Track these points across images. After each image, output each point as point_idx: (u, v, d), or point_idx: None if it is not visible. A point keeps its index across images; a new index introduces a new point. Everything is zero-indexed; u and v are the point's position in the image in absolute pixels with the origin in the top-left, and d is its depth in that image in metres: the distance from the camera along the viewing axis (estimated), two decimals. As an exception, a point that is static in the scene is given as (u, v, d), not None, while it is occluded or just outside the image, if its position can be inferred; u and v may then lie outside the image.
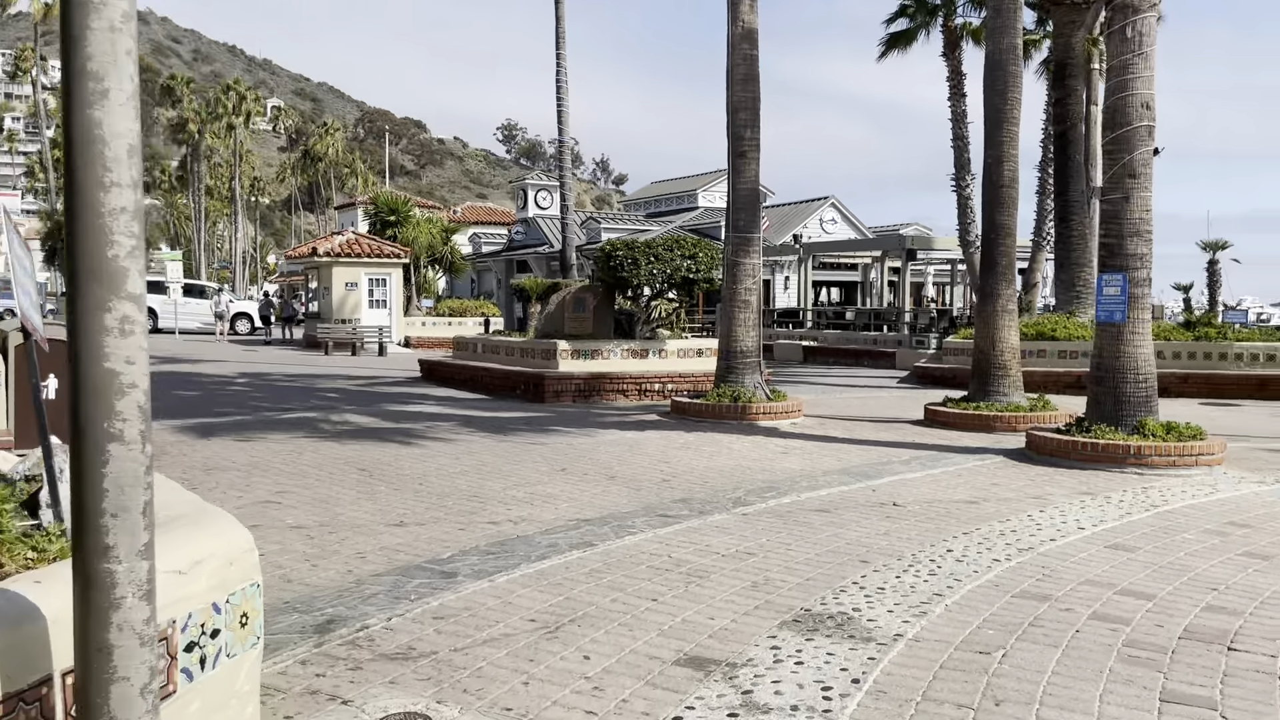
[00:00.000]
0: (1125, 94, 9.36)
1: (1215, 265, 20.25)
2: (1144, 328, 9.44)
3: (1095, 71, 21.22)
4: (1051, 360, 17.73)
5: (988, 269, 12.28)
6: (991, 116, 12.22)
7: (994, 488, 8.36)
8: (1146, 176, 9.40)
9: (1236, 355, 16.87)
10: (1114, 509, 7.50)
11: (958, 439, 11.27)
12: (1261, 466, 9.48)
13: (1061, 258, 20.03)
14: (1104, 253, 9.56)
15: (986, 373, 12.13)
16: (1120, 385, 9.39)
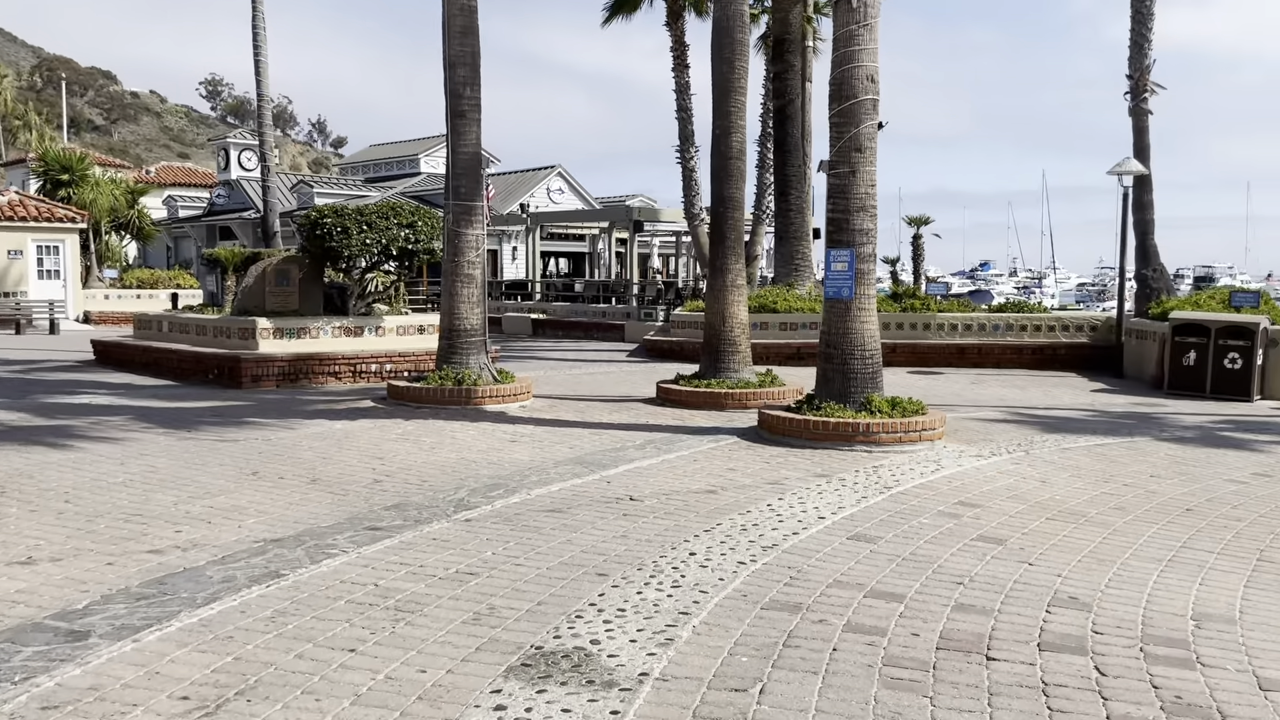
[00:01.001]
0: (850, 65, 9.22)
1: (919, 240, 21.58)
2: (870, 304, 9.41)
3: (810, 49, 21.81)
4: (774, 332, 18.05)
5: (717, 243, 12.02)
6: (719, 85, 11.91)
7: (731, 474, 7.97)
8: (872, 151, 9.33)
9: (939, 325, 17.86)
10: (850, 493, 7.28)
11: (691, 418, 10.92)
12: (975, 438, 9.74)
13: (781, 231, 20.49)
14: (831, 228, 9.43)
15: (718, 349, 11.89)
16: (849, 361, 9.32)
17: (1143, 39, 16.72)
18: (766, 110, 22.84)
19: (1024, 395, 13.85)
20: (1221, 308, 14.97)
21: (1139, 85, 16.74)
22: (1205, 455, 9.15)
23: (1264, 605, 4.98)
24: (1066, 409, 12.46)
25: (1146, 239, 16.78)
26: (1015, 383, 15.40)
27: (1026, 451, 9.05)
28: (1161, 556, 5.83)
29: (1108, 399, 13.59)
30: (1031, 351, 17.40)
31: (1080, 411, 12.24)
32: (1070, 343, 17.38)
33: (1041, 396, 13.73)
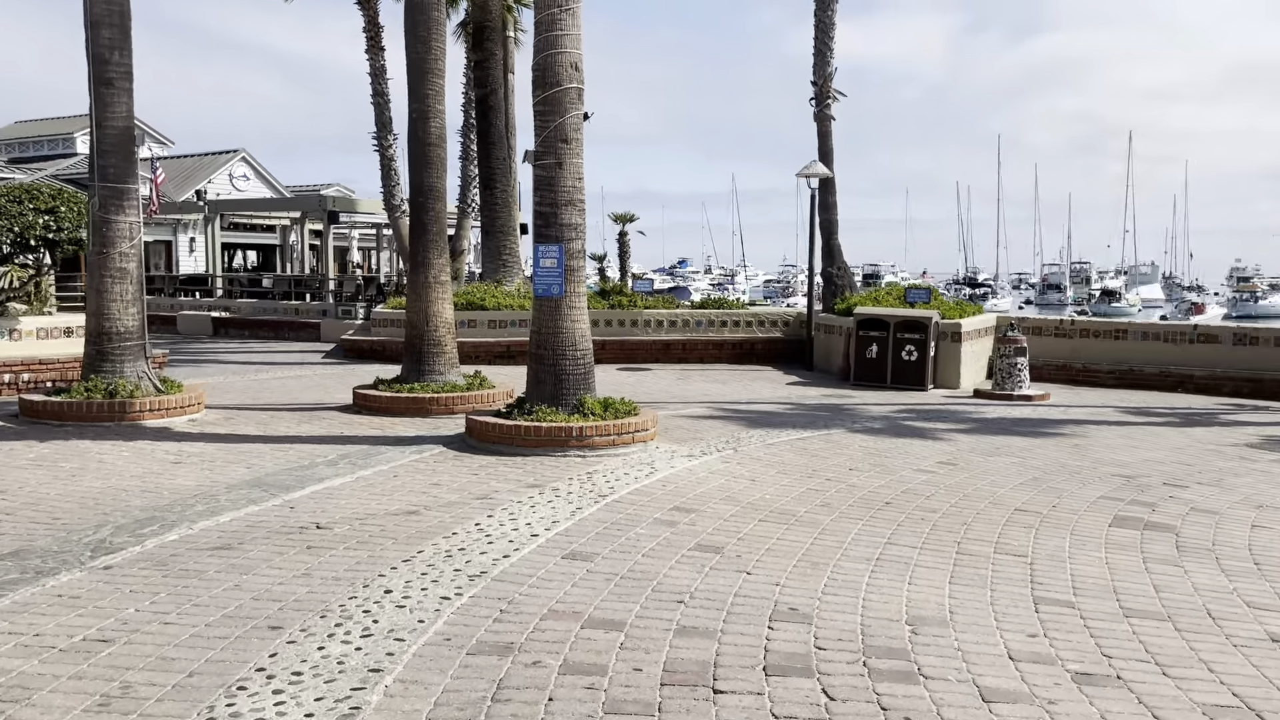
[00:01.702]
0: (553, 51, 8.76)
1: (625, 237, 21.69)
2: (581, 301, 9.02)
3: (512, 40, 21.31)
4: (482, 330, 17.41)
5: (418, 235, 11.21)
6: (415, 66, 11.09)
7: (435, 489, 7.27)
8: (578, 142, 8.94)
9: (646, 322, 17.96)
10: (564, 504, 6.82)
11: (392, 426, 10.06)
12: (687, 437, 9.63)
13: (488, 225, 19.87)
14: (539, 223, 8.94)
15: (421, 350, 11.09)
16: (561, 362, 8.88)
17: (825, 48, 17.65)
18: (469, 100, 22.14)
19: (727, 390, 14.11)
20: (899, 303, 16.04)
21: (822, 92, 17.65)
22: (895, 446, 9.54)
23: (971, 604, 5.00)
24: (766, 403, 12.77)
25: (832, 239, 17.74)
26: (718, 378, 15.72)
27: (735, 449, 9.02)
28: (870, 555, 5.80)
29: (802, 391, 14.12)
30: (732, 346, 17.90)
31: (779, 405, 12.57)
32: (766, 338, 18.05)
33: (742, 391, 14.04)
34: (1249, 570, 5.76)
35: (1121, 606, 5.03)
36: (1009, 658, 4.30)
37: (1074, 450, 9.55)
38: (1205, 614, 4.95)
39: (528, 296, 18.30)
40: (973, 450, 9.40)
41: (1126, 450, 9.63)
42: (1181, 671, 4.19)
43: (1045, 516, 6.89)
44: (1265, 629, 4.75)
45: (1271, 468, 8.88)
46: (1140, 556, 5.98)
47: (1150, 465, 8.85)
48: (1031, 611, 4.90)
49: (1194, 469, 8.74)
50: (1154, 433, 10.86)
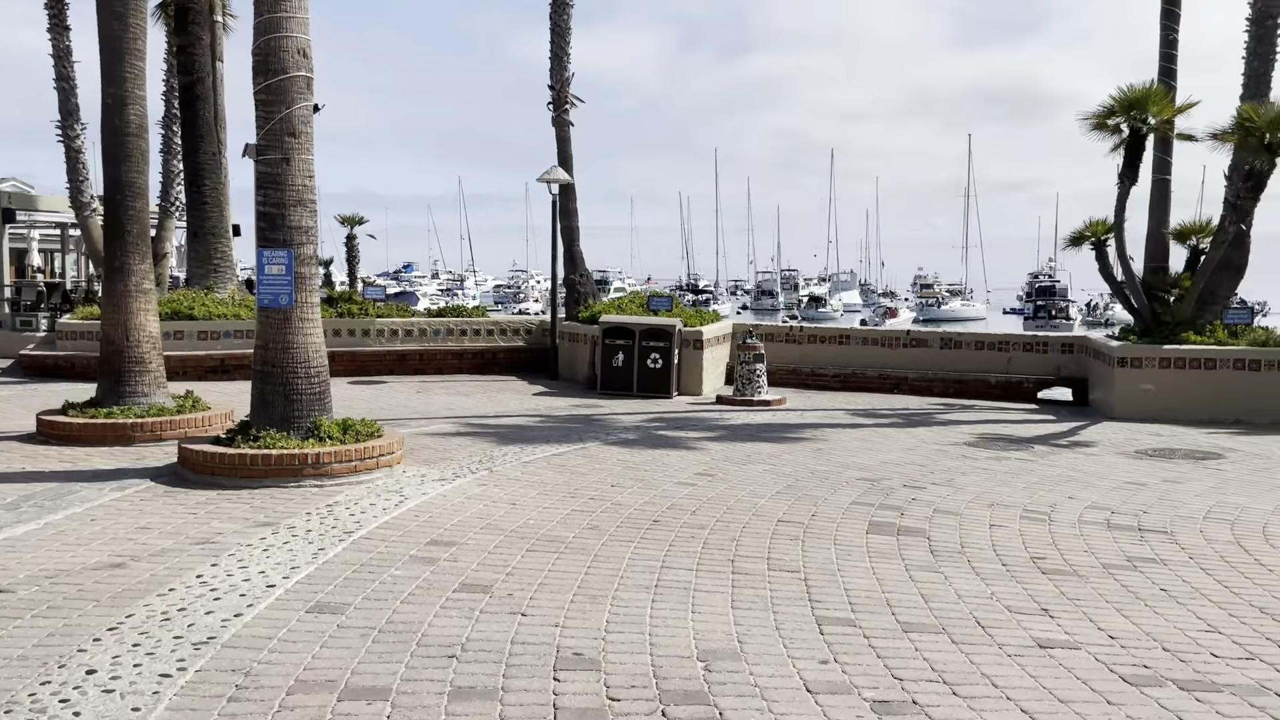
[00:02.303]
0: (278, 35, 7.88)
1: (353, 241, 20.41)
2: (314, 312, 8.16)
3: (221, 25, 19.55)
4: (191, 343, 15.75)
5: (115, 238, 9.79)
6: (110, 46, 9.69)
7: (145, 534, 6.23)
8: (308, 136, 8.09)
9: (379, 332, 16.97)
10: (304, 545, 6.03)
11: (87, 459, 8.68)
12: (435, 458, 8.98)
13: (195, 226, 18.06)
14: (263, 224, 8.00)
15: (120, 369, 9.67)
16: (292, 381, 7.98)
17: (562, 52, 17.43)
18: (172, 88, 20.06)
19: (471, 403, 13.51)
20: (642, 311, 16.07)
21: (560, 97, 17.43)
22: (652, 458, 9.38)
23: (758, 631, 4.80)
24: (515, 415, 12.31)
25: (573, 245, 17.55)
26: (460, 389, 15.07)
27: (490, 469, 8.50)
28: (649, 583, 5.49)
29: (550, 402, 13.78)
30: (473, 356, 17.27)
31: (529, 418, 12.15)
32: (509, 346, 17.57)
33: (488, 403, 13.50)
34: (1000, 573, 5.96)
35: (899, 621, 5.00)
36: (807, 690, 4.10)
37: (818, 455, 9.80)
38: (975, 623, 5.02)
39: (243, 305, 16.80)
40: (726, 459, 9.40)
41: (864, 453, 9.99)
42: (970, 690, 4.16)
43: (808, 526, 6.89)
44: (1030, 634, 4.86)
45: (991, 465, 9.49)
46: (902, 564, 6.06)
47: (888, 467, 9.20)
48: (817, 634, 4.76)
49: (926, 469, 9.17)
50: (884, 434, 11.40)
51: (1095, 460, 9.89)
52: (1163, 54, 14.87)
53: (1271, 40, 13.47)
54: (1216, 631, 4.99)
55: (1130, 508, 7.76)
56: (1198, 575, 6.00)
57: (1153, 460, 9.95)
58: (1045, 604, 5.36)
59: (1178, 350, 13.13)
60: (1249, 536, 6.97)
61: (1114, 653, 4.64)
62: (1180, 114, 13.58)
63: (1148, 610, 5.31)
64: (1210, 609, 5.36)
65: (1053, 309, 71.59)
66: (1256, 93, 13.44)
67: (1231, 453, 10.40)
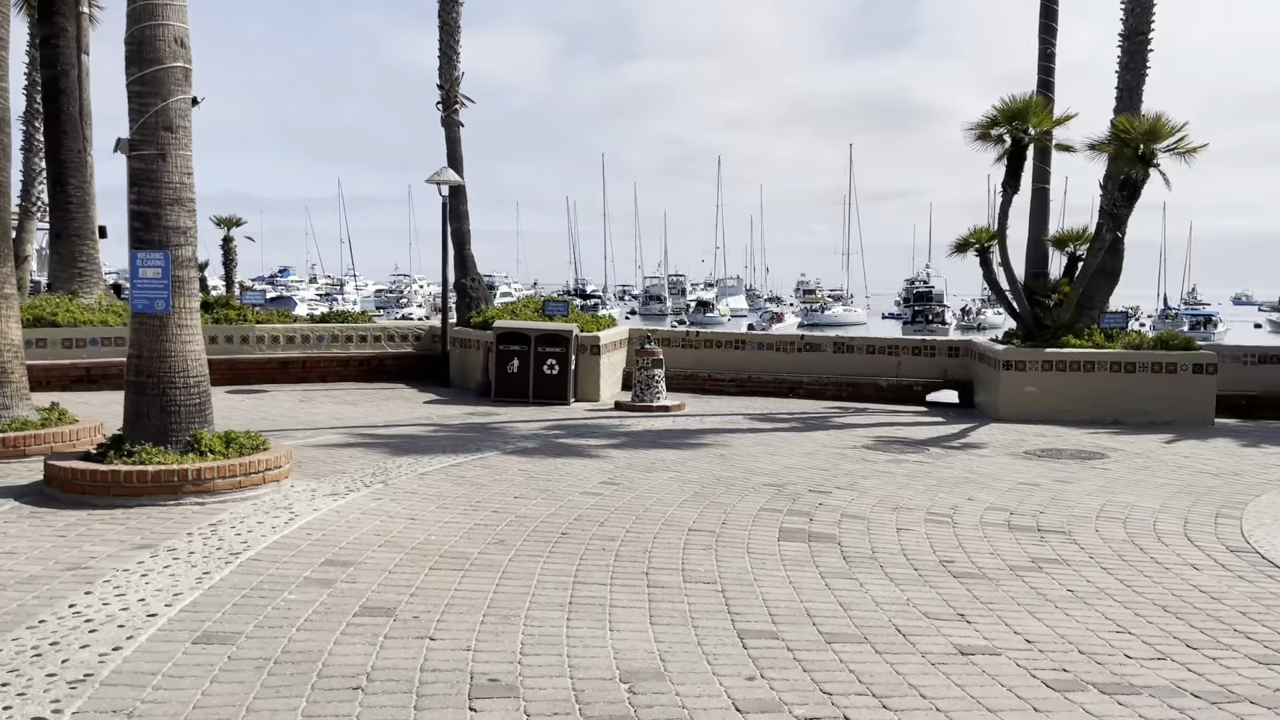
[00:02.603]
0: (153, 22, 7.37)
1: (230, 243, 19.39)
2: (194, 318, 7.65)
3: (87, 16, 18.46)
4: (56, 351, 14.77)
5: None
6: (-36, 29, 8.96)
7: (9, 560, 5.69)
8: (186, 131, 7.59)
9: (259, 338, 16.23)
10: (187, 569, 5.60)
11: (-64, 477, 7.96)
12: (325, 471, 8.55)
13: (59, 227, 16.98)
14: (138, 225, 7.47)
15: None
16: (169, 391, 7.46)
17: (451, 51, 17.00)
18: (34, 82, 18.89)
19: (360, 412, 13.01)
20: (537, 316, 15.79)
21: (450, 97, 17.00)
22: (554, 467, 9.14)
23: (680, 648, 4.63)
24: (407, 425, 11.90)
25: (464, 249, 17.14)
26: (347, 398, 14.52)
27: (385, 482, 8.12)
28: (562, 600, 5.27)
29: (443, 411, 13.39)
30: (359, 363, 16.69)
31: (422, 427, 11.76)
32: (397, 353, 17.05)
33: (377, 412, 13.03)
34: (913, 578, 5.95)
35: (820, 632, 4.91)
36: (736, 709, 3.95)
37: (722, 460, 9.72)
38: (896, 631, 4.96)
39: (111, 310, 15.86)
40: (630, 466, 9.23)
41: (768, 458, 9.97)
42: (899, 702, 4.08)
43: (719, 535, 6.78)
44: (951, 641, 4.83)
45: (890, 468, 9.57)
46: (817, 572, 5.99)
47: (792, 472, 9.18)
48: (740, 649, 4.63)
49: (829, 473, 9.19)
50: (785, 439, 11.42)
51: (988, 461, 10.09)
52: (1041, 66, 15.40)
53: (1142, 55, 14.08)
54: (1127, 632, 5.05)
55: (1028, 508, 7.91)
56: (1100, 575, 6.11)
57: (1042, 460, 10.21)
58: (961, 609, 5.35)
59: (1059, 353, 13.57)
60: (1142, 534, 7.16)
61: (1033, 657, 4.64)
62: (1059, 125, 14.07)
63: (1058, 612, 5.35)
64: (1117, 609, 5.44)
65: (930, 313, 74.14)
66: (1129, 105, 14.03)
67: (1114, 452, 10.76)
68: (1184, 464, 10.09)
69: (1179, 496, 8.46)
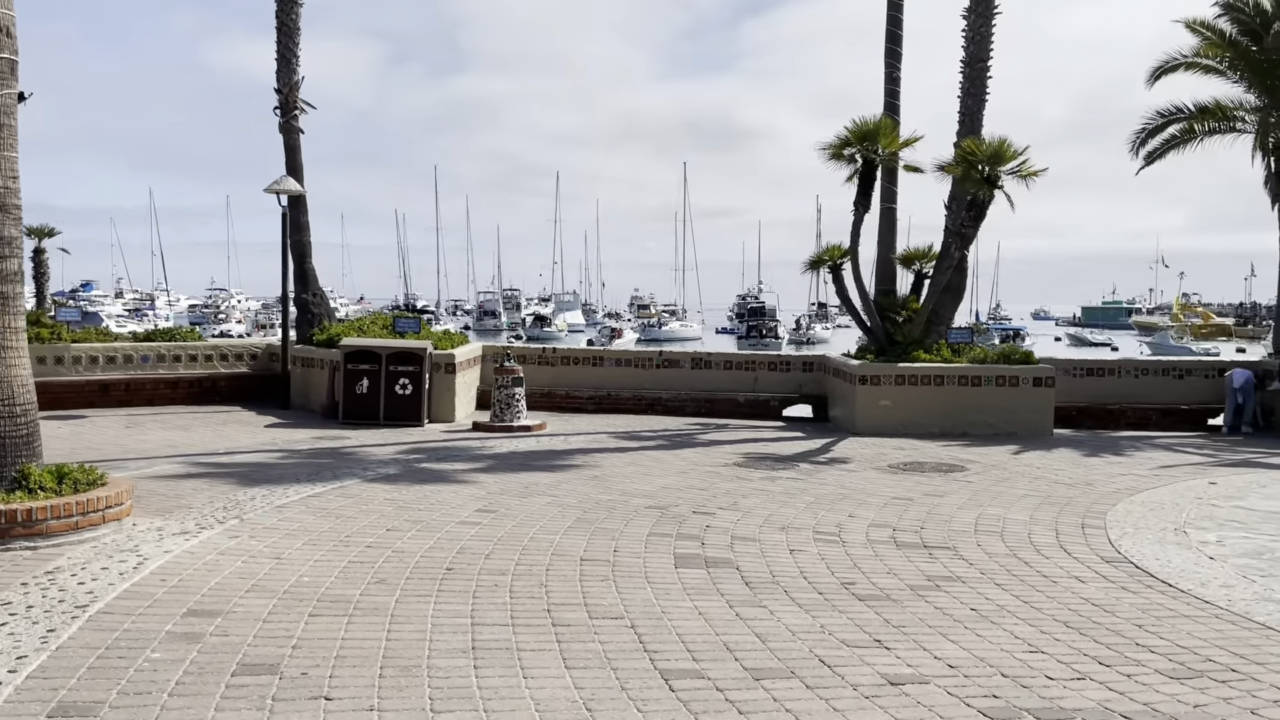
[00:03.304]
0: (-28, 5, 6.50)
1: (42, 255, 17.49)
2: (20, 339, 6.76)
3: None
4: None
5: None
6: None
7: None
8: (12, 130, 6.72)
9: (75, 358, 14.83)
10: (28, 627, 4.85)
11: None
12: (170, 506, 7.75)
13: None
14: (-50, 232, 6.55)
15: None
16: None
17: (290, 54, 16.07)
18: None
19: (196, 438, 12.03)
20: (386, 333, 15.07)
21: (289, 101, 16.06)
22: (423, 495, 8.61)
23: (604, 695, 4.30)
24: (251, 451, 11.05)
25: (305, 261, 16.19)
26: (178, 423, 13.42)
27: (240, 518, 7.41)
28: (463, 645, 4.85)
29: (289, 435, 12.54)
30: (189, 385, 15.51)
31: (268, 453, 10.94)
32: (230, 373, 15.94)
33: (215, 438, 12.08)
34: (819, 602, 5.82)
35: (745, 667, 4.68)
36: (681, 763, 3.66)
37: (597, 483, 9.43)
38: (819, 662, 4.79)
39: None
40: (504, 492, 8.82)
41: (642, 478, 9.75)
42: (846, 741, 3.89)
43: (614, 564, 6.48)
44: (876, 671, 4.70)
45: (766, 486, 9.52)
46: (724, 600, 5.78)
47: (671, 493, 8.99)
48: (668, 692, 4.34)
49: (708, 493, 9.04)
50: (655, 458, 11.23)
51: (858, 477, 10.20)
52: (887, 90, 15.90)
53: (983, 81, 14.73)
54: (1040, 651, 5.06)
55: (908, 524, 7.97)
56: (997, 592, 6.15)
57: (908, 474, 10.40)
58: (875, 634, 5.24)
59: (911, 368, 13.98)
60: (1021, 548, 7.31)
61: (961, 684, 4.55)
62: (906, 146, 14.52)
63: (969, 633, 5.32)
64: (1023, 627, 5.46)
65: (763, 328, 76.16)
66: (971, 129, 14.65)
67: (971, 464, 11.09)
68: (1038, 475, 10.49)
69: (1043, 508, 8.74)
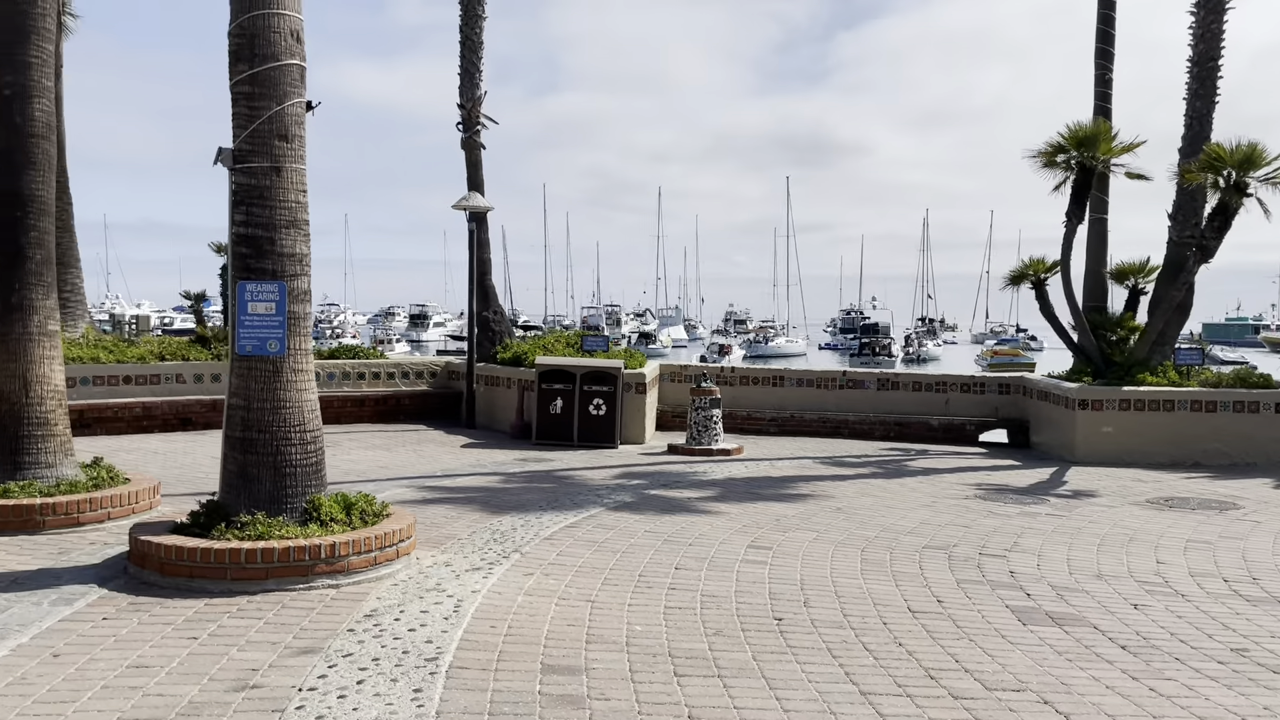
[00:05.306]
0: (267, 11, 6.22)
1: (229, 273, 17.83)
2: (308, 361, 6.45)
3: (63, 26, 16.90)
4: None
5: (12, 266, 7.55)
6: (11, 23, 7.60)
7: (146, 678, 4.43)
8: (301, 141, 6.43)
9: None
10: (388, 685, 4.41)
11: (-21, 553, 6.55)
12: (435, 536, 7.35)
13: (34, 253, 15.34)
14: (246, 250, 6.26)
15: (17, 434, 7.39)
16: (284, 450, 6.23)
17: (473, 68, 15.90)
18: None
19: (400, 459, 11.77)
20: (574, 352, 14.70)
21: (471, 117, 15.87)
22: (678, 527, 8.08)
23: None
24: (466, 474, 10.70)
25: (485, 278, 15.95)
26: (375, 442, 13.22)
27: (520, 552, 6.98)
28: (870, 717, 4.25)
29: (490, 456, 12.20)
30: (375, 403, 15.38)
31: (484, 476, 10.57)
32: (412, 391, 15.77)
33: (420, 459, 11.80)
34: (1230, 675, 5.06)
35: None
36: None
37: (845, 516, 8.79)
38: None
39: (100, 346, 14.32)
40: (757, 525, 8.23)
41: (888, 511, 9.08)
42: None
43: (953, 618, 5.82)
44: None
45: (1030, 523, 8.73)
46: (1116, 669, 5.06)
47: (935, 530, 8.29)
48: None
49: (975, 531, 8.32)
50: (882, 488, 10.52)
51: (1123, 513, 9.31)
52: (1098, 93, 14.93)
53: (1213, 82, 13.67)
54: None
55: (1232, 572, 7.12)
56: None
57: (1176, 511, 9.48)
58: (1335, 717, 4.47)
59: (1137, 392, 12.96)
60: (1397, 605, 6.39)
61: None
62: (1127, 152, 13.54)
63: None
64: None
65: (876, 346, 74.41)
66: (1200, 133, 13.59)
67: (1240, 500, 10.08)
68: (1330, 514, 9.45)
69: (1376, 555, 7.77)
